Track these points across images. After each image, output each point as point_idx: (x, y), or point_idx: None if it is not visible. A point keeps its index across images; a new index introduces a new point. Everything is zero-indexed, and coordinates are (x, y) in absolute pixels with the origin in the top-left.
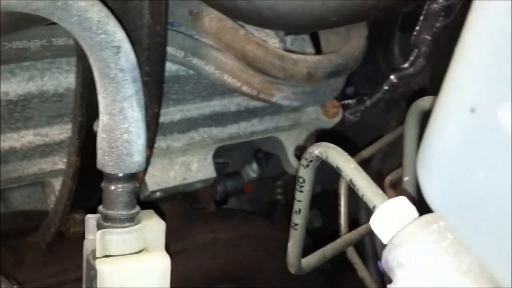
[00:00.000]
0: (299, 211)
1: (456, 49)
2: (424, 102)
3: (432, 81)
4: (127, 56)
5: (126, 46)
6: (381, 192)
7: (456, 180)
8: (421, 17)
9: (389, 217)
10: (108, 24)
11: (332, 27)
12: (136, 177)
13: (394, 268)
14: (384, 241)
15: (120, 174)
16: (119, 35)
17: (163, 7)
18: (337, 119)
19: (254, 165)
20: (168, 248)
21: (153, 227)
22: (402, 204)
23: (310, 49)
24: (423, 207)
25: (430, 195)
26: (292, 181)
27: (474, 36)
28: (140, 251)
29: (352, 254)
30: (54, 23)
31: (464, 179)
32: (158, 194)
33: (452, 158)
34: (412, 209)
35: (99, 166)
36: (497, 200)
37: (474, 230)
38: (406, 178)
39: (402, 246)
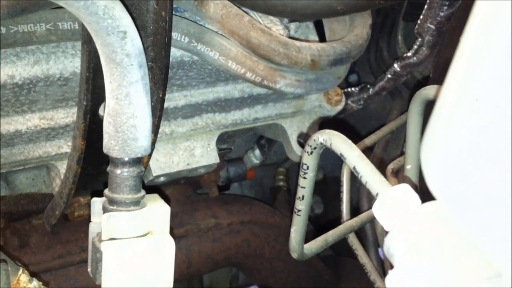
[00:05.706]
0: (302, 197)
1: (462, 40)
2: (427, 91)
3: (435, 70)
4: (133, 41)
5: (133, 31)
6: (384, 179)
7: (461, 169)
8: (425, 6)
9: (392, 204)
10: (114, 9)
11: (338, 15)
12: (142, 161)
13: (395, 254)
14: (386, 228)
15: (126, 159)
16: (125, 20)
17: None
18: (340, 107)
19: (257, 152)
20: (171, 232)
21: (158, 211)
22: (405, 192)
23: (314, 36)
24: (424, 195)
25: (433, 183)
26: (294, 168)
27: (479, 27)
28: (145, 235)
29: (353, 241)
30: (60, 7)
31: (469, 168)
32: (161, 178)
33: (457, 147)
34: (415, 197)
35: (105, 150)
36: (501, 190)
37: (476, 219)
38: (408, 166)
39: (404, 233)
